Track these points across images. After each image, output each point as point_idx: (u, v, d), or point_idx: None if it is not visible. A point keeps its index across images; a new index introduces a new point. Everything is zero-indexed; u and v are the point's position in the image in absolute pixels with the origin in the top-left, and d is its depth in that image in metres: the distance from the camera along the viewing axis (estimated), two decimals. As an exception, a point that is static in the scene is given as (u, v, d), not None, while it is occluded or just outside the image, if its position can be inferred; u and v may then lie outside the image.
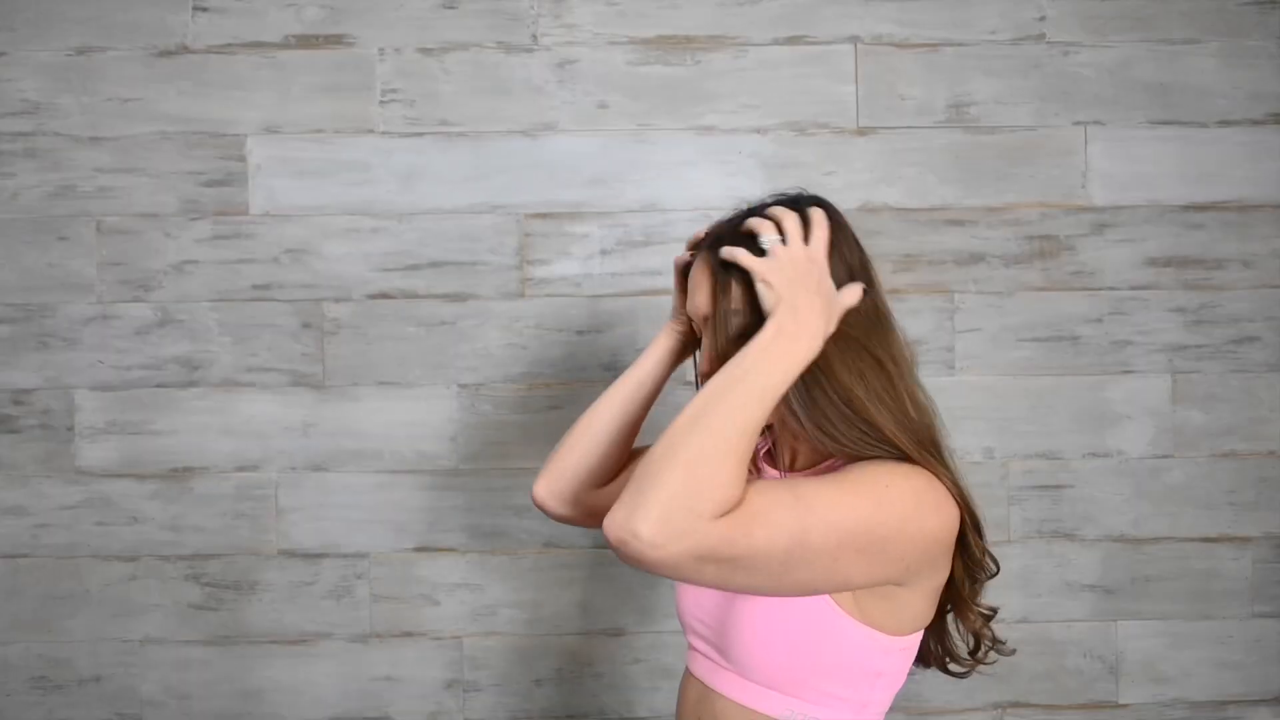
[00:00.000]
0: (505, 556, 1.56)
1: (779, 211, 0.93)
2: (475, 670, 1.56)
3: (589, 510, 1.13)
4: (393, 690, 1.56)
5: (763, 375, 0.84)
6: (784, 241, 0.91)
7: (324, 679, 1.55)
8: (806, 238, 0.92)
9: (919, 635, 0.95)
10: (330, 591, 1.56)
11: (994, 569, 0.97)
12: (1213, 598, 1.55)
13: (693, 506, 0.77)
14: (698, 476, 0.78)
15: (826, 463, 0.96)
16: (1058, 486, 1.55)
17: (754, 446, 0.85)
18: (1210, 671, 1.55)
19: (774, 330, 0.86)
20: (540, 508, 1.13)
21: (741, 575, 0.81)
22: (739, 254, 0.91)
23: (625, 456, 1.13)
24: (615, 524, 0.78)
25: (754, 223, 0.93)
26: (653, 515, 0.76)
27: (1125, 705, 1.55)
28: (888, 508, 0.84)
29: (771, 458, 1.05)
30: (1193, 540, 1.55)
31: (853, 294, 0.91)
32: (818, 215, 0.92)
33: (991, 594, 1.53)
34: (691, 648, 1.04)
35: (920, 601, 0.92)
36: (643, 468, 0.81)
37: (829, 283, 0.90)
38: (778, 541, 0.80)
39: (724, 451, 0.80)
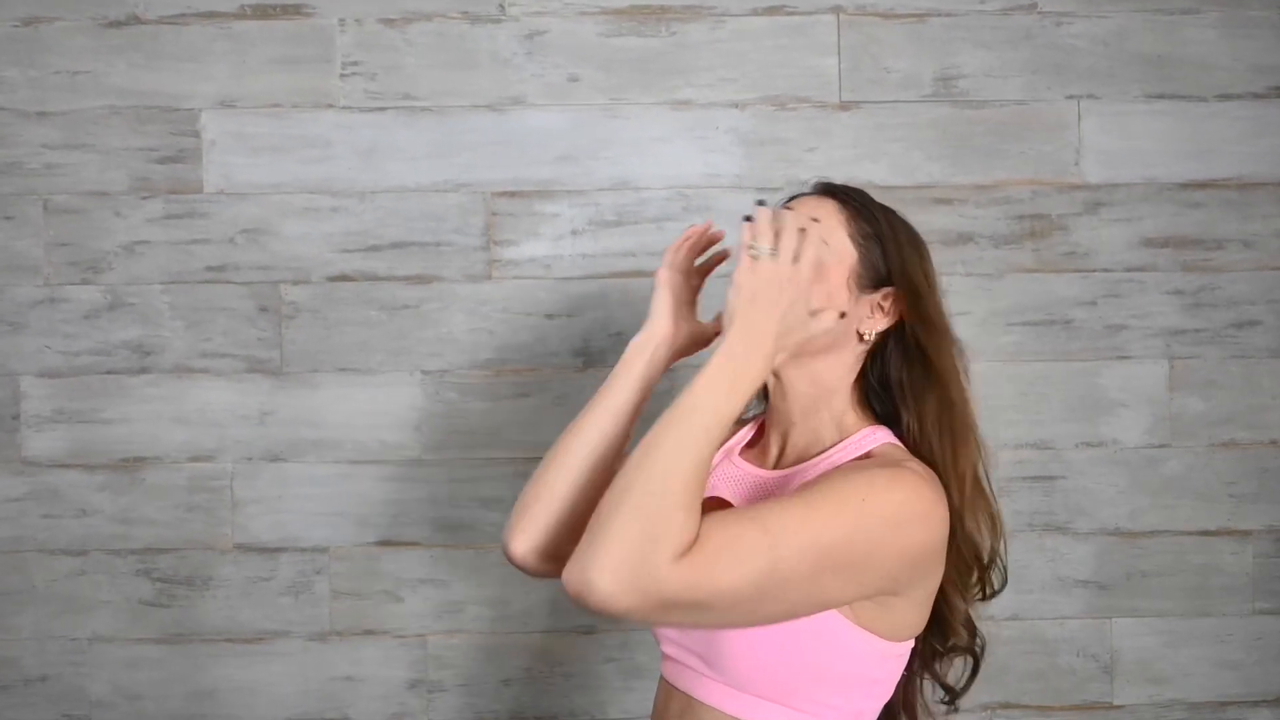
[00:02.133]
0: (472, 551, 1.52)
1: (787, 219, 0.90)
2: (440, 670, 1.51)
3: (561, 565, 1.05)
4: (353, 691, 1.51)
5: (709, 409, 0.83)
6: (774, 253, 0.88)
7: (281, 679, 1.51)
8: (798, 255, 0.89)
9: (911, 643, 0.94)
10: (288, 588, 1.51)
11: (995, 588, 0.98)
12: (1212, 594, 1.51)
13: (647, 555, 0.76)
14: (649, 521, 0.77)
15: (814, 459, 0.94)
16: (1049, 478, 1.51)
17: (706, 481, 0.83)
18: (1209, 671, 1.51)
19: (722, 358, 0.85)
20: (520, 568, 1.01)
21: (714, 616, 0.80)
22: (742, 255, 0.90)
23: (601, 491, 1.05)
24: (572, 577, 0.77)
25: (753, 227, 0.90)
26: (608, 567, 0.75)
27: (1120, 706, 1.51)
28: (865, 526, 0.83)
29: (751, 450, 1.03)
30: (1191, 534, 1.51)
31: (828, 319, 0.90)
32: (813, 232, 0.89)
33: None
34: (667, 657, 0.99)
35: (913, 608, 0.91)
36: (595, 517, 0.80)
37: (801, 308, 0.88)
38: (747, 577, 0.79)
39: (675, 491, 0.79)
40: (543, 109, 1.51)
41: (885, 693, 0.94)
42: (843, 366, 0.96)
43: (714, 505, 0.96)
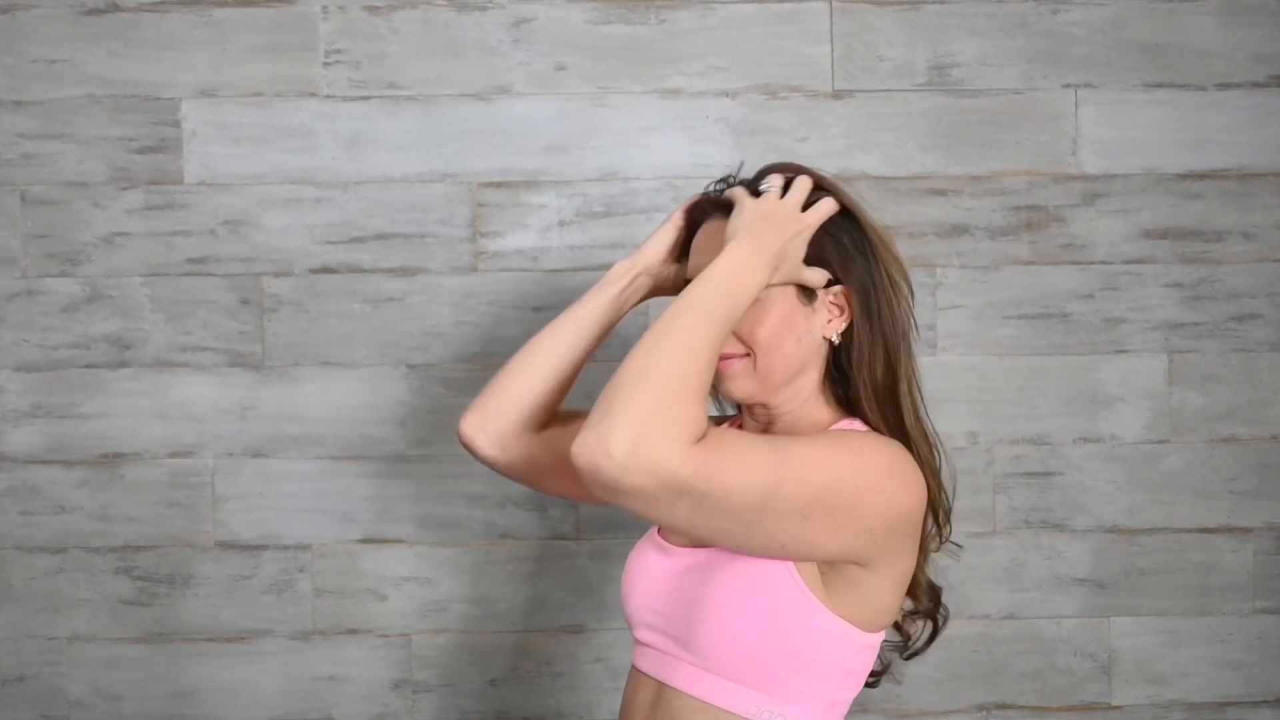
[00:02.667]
0: (457, 548, 1.49)
1: (802, 178, 0.95)
2: (425, 670, 1.49)
3: (519, 456, 1.07)
4: (336, 691, 1.49)
5: (714, 302, 0.85)
6: (783, 197, 0.93)
7: (263, 679, 1.48)
8: (806, 207, 0.93)
9: (883, 635, 0.95)
10: (270, 586, 1.49)
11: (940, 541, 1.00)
12: (1212, 592, 1.49)
13: (659, 433, 0.77)
14: (668, 397, 0.79)
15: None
16: (1046, 474, 1.49)
17: (711, 376, 0.86)
18: (1209, 671, 1.50)
19: (727, 258, 0.87)
20: (466, 446, 1.08)
21: (714, 516, 0.80)
22: (736, 190, 0.95)
23: (561, 398, 1.09)
24: (586, 447, 0.77)
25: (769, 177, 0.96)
26: (627, 436, 0.76)
27: (1118, 707, 1.49)
28: (862, 472, 0.85)
29: None
30: (1190, 531, 1.49)
31: (816, 276, 0.92)
32: (827, 201, 0.94)
33: (975, 588, 1.48)
34: (640, 643, 0.99)
35: (888, 592, 0.92)
36: (608, 391, 0.81)
37: (800, 247, 0.91)
38: (753, 484, 0.80)
39: (687, 375, 0.81)
40: (530, 98, 1.48)
41: (857, 684, 0.94)
42: (815, 371, 0.97)
43: None
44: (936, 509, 0.97)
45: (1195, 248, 1.49)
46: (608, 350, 1.14)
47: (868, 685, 0.99)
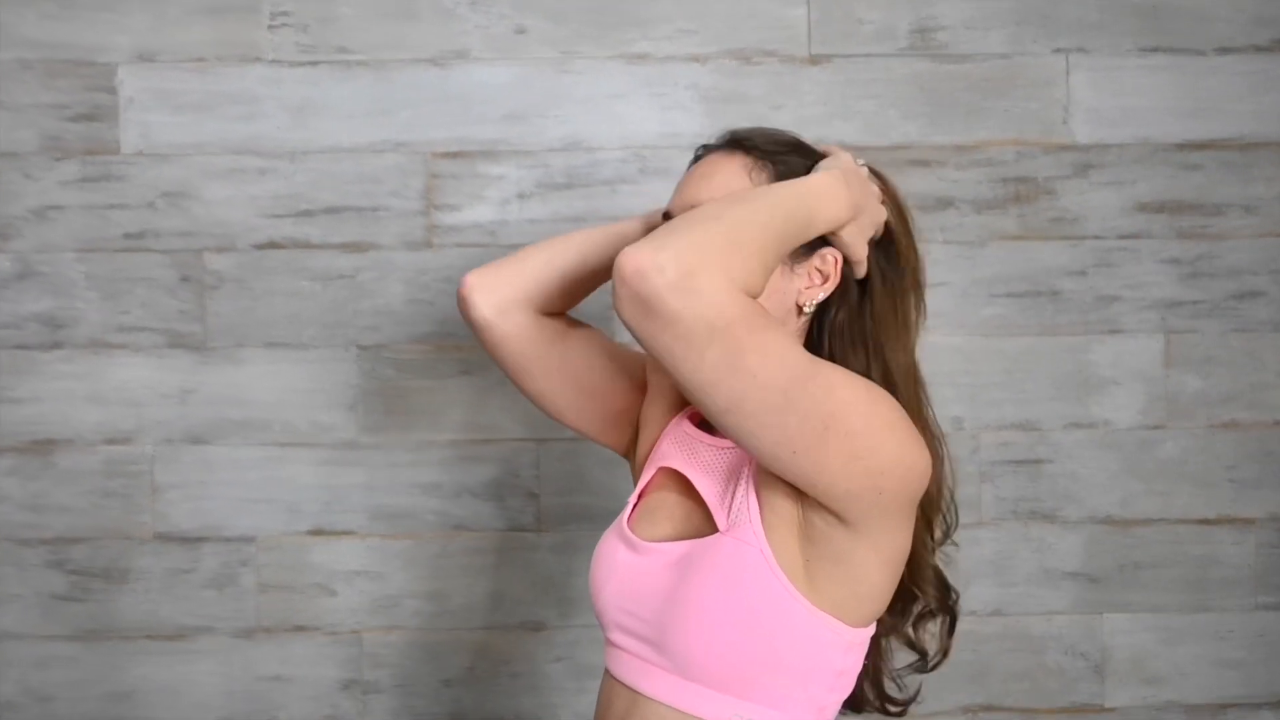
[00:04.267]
0: (410, 541, 1.44)
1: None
2: (376, 669, 1.44)
3: (513, 331, 1.02)
4: (282, 691, 1.44)
5: (801, 208, 0.83)
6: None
7: (205, 679, 1.44)
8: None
9: (872, 630, 0.91)
10: (212, 580, 1.43)
11: (943, 535, 0.97)
12: (1211, 587, 1.46)
13: (727, 268, 0.75)
14: (735, 246, 0.77)
15: None
16: (1036, 461, 1.45)
17: (772, 259, 0.82)
18: (1208, 670, 1.46)
19: (826, 179, 0.86)
20: (463, 302, 1.02)
21: (742, 378, 0.76)
22: (834, 145, 0.95)
23: (575, 295, 1.06)
24: (640, 254, 0.74)
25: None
26: (686, 258, 0.74)
27: (1112, 709, 1.46)
28: (882, 412, 0.83)
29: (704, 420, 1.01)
30: (1188, 522, 1.46)
31: (862, 253, 0.90)
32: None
33: (960, 583, 1.38)
34: (612, 645, 0.94)
35: (877, 571, 0.86)
36: (676, 221, 0.79)
37: (878, 216, 0.91)
38: (786, 363, 0.78)
39: (760, 241, 0.79)
40: (488, 63, 1.43)
41: (847, 685, 0.90)
42: None
43: (666, 477, 0.97)
44: (941, 496, 0.95)
45: (1193, 222, 1.45)
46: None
47: (893, 716, 0.99)
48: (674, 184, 0.98)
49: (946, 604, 0.98)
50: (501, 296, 1.02)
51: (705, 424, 0.98)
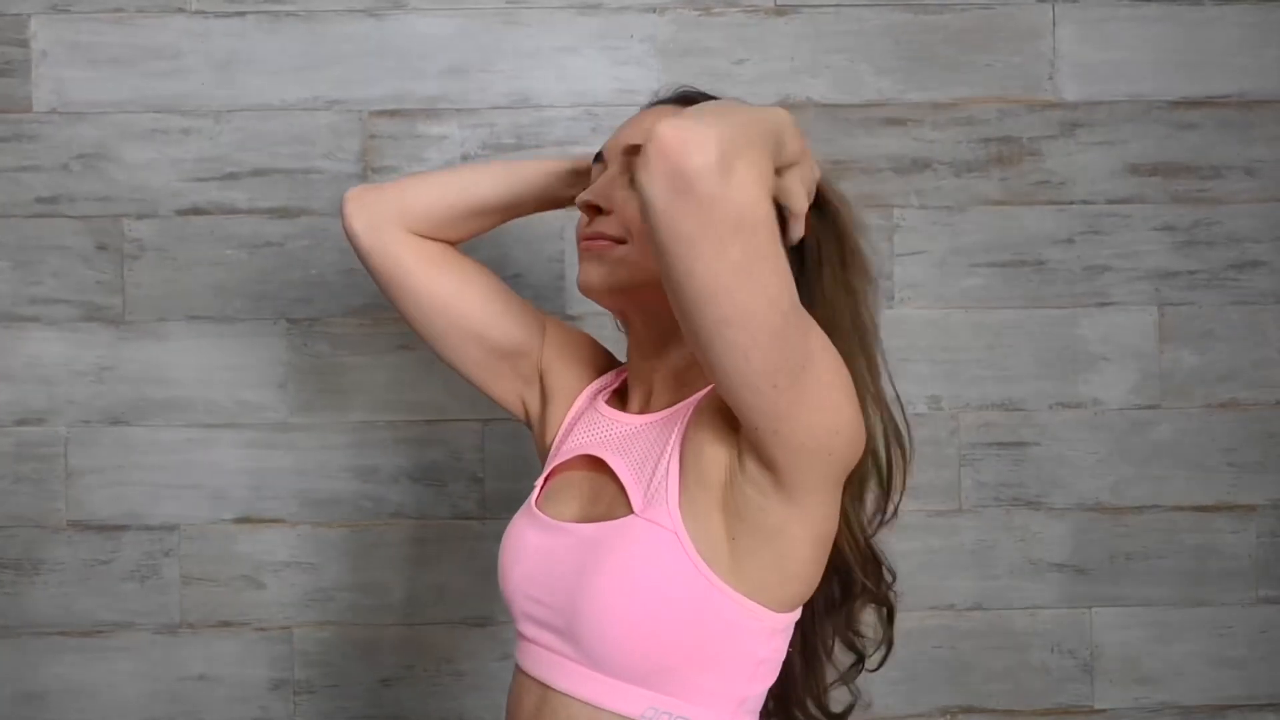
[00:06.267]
0: (345, 529, 1.39)
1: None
2: (308, 668, 1.39)
3: (384, 249, 1.03)
4: (208, 692, 1.38)
5: (785, 127, 0.79)
6: None
7: (124, 678, 1.38)
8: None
9: (796, 615, 0.88)
10: (132, 572, 1.38)
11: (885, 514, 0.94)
12: (1209, 580, 1.43)
13: (759, 161, 0.74)
14: (758, 140, 0.74)
15: (688, 400, 0.91)
16: (1019, 444, 1.42)
17: (769, 161, 0.79)
18: (1205, 670, 1.43)
19: (788, 113, 0.82)
20: (343, 215, 1.04)
21: (754, 288, 0.73)
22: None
23: (459, 229, 1.06)
24: (685, 129, 0.70)
25: None
26: (728, 141, 0.70)
27: (1102, 710, 1.42)
28: (844, 371, 0.81)
29: (619, 399, 1.01)
30: (1184, 510, 1.43)
31: (801, 205, 0.86)
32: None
33: (937, 575, 1.40)
34: (524, 638, 0.92)
35: (806, 548, 0.83)
36: (718, 104, 0.77)
37: (811, 170, 0.86)
38: (787, 286, 0.75)
39: (767, 144, 0.76)
40: (428, 14, 1.38)
41: (769, 675, 0.88)
42: None
43: (584, 464, 0.94)
44: (883, 472, 0.92)
45: (1189, 185, 1.42)
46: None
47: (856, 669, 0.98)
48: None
49: (880, 588, 0.95)
50: (374, 213, 1.03)
51: (619, 406, 0.97)
